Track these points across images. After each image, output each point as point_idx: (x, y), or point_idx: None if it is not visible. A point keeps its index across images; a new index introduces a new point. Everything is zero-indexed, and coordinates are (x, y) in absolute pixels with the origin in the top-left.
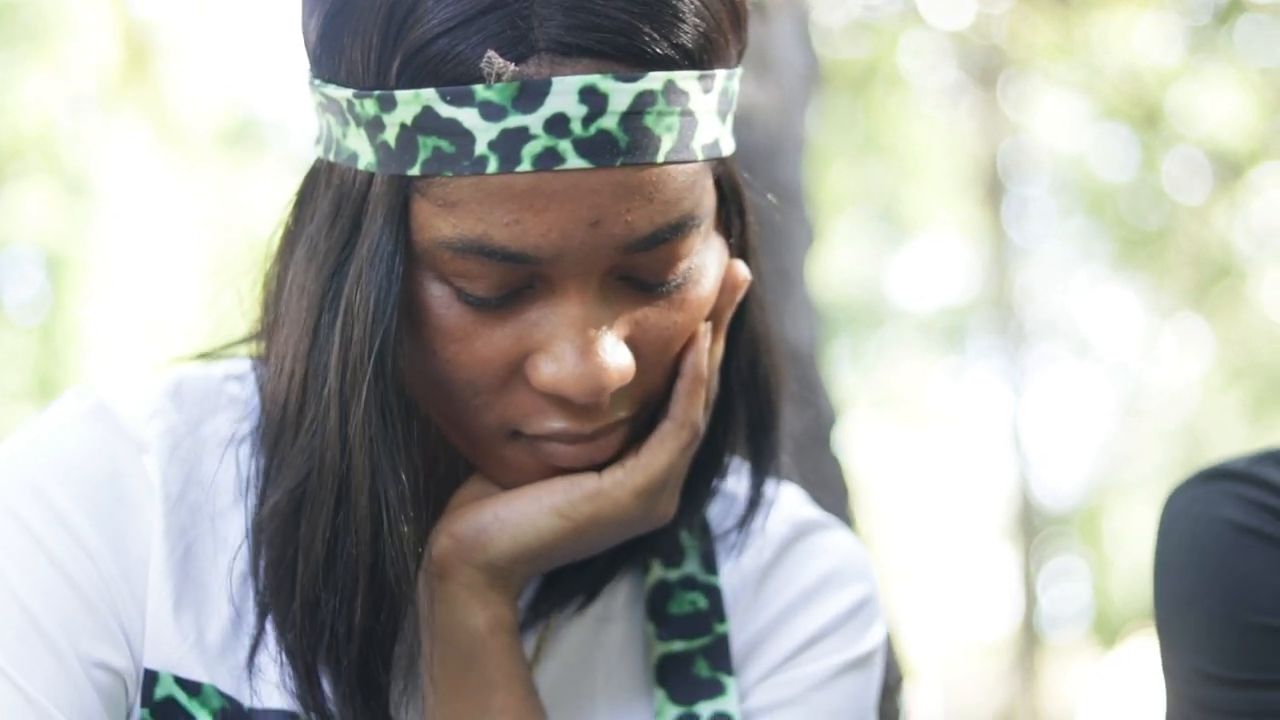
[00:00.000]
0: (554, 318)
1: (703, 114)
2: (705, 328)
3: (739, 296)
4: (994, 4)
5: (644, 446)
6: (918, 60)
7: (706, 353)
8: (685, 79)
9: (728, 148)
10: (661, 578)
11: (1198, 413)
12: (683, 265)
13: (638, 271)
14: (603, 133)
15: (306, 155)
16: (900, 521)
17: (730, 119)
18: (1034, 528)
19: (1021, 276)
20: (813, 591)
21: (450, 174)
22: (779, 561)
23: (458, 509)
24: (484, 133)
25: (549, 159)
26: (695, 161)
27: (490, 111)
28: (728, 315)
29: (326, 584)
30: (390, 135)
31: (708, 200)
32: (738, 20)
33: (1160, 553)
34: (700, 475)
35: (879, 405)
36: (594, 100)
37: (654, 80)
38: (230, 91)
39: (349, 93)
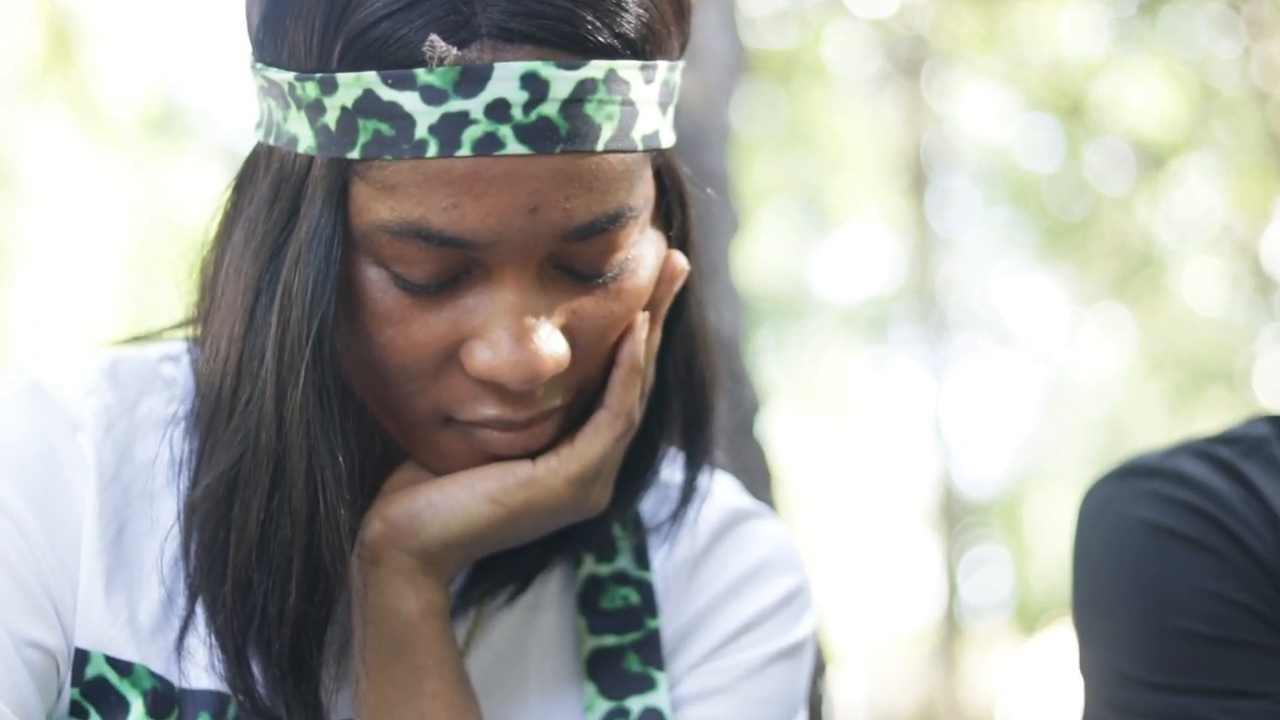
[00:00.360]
0: (490, 304)
1: (644, 104)
2: (643, 318)
3: (676, 287)
4: None
5: (579, 435)
6: (842, 50)
7: (643, 343)
8: (627, 68)
9: (668, 139)
10: (593, 572)
11: (1120, 403)
12: (620, 256)
13: (575, 261)
14: (543, 119)
15: (233, 143)
16: (824, 510)
17: (671, 111)
18: (956, 517)
19: (945, 266)
20: (745, 580)
21: (390, 157)
22: (711, 550)
23: (391, 494)
24: (424, 116)
25: (489, 144)
26: (635, 151)
27: (431, 95)
28: (665, 306)
29: (259, 565)
30: (331, 118)
31: (646, 191)
32: (681, 12)
33: (1079, 552)
34: (634, 467)
35: (803, 395)
36: (535, 87)
37: (596, 69)
38: (154, 79)
39: (291, 75)
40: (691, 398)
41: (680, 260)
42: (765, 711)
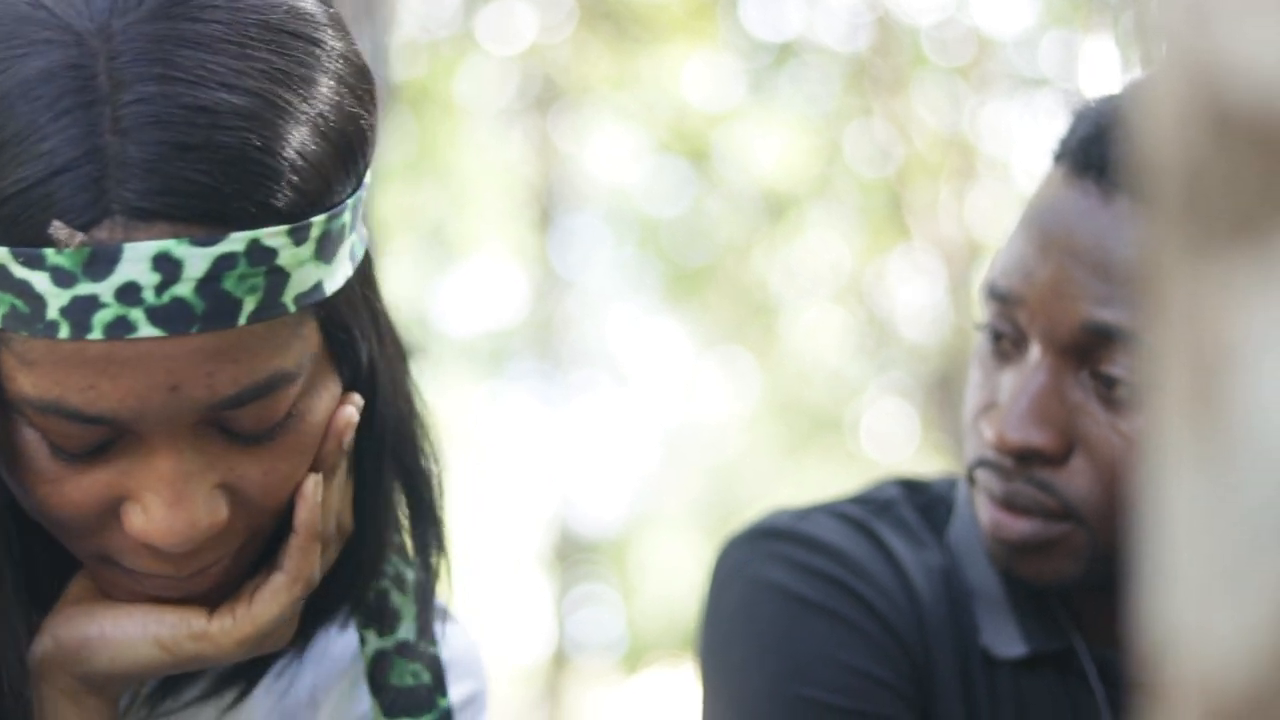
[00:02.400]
0: (143, 470)
1: (296, 266)
2: (314, 480)
3: (345, 442)
4: (552, 32)
5: (256, 596)
6: (473, 84)
7: (317, 508)
8: (273, 236)
9: (335, 284)
10: (379, 648)
11: (735, 448)
12: (278, 417)
13: (231, 424)
14: (177, 300)
15: None
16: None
17: (344, 250)
18: (569, 555)
19: (568, 305)
20: None
21: (25, 334)
22: None
23: (68, 609)
24: (55, 298)
25: (120, 328)
26: (287, 315)
27: (61, 277)
28: (334, 461)
29: None
30: None
31: (306, 347)
32: (351, 154)
33: (711, 611)
34: (352, 580)
35: None
36: (167, 268)
37: (235, 242)
38: None
39: None
40: (415, 495)
41: (347, 413)
42: None
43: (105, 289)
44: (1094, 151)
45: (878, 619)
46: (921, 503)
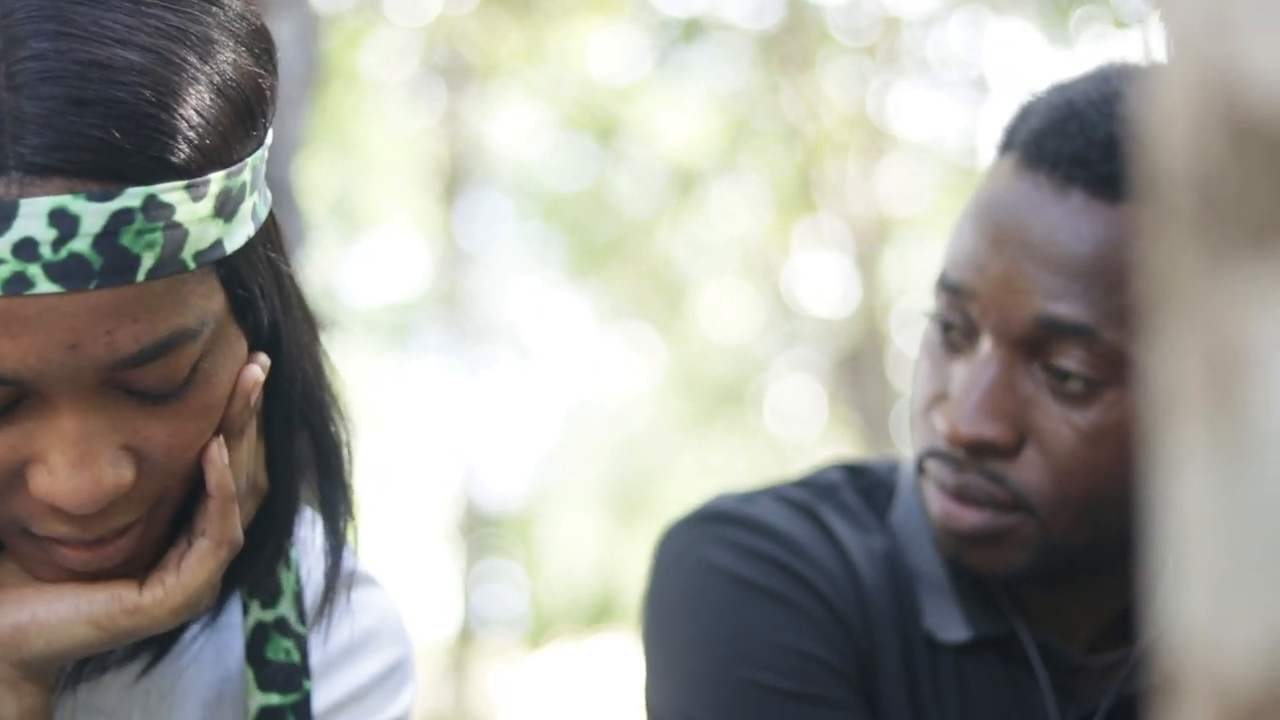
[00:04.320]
0: (47, 430)
1: (194, 222)
2: (217, 445)
3: (252, 401)
4: (459, 5)
5: (183, 564)
6: (379, 56)
7: (227, 471)
8: (169, 191)
9: (235, 242)
10: (259, 619)
11: (641, 423)
12: (181, 375)
13: (134, 384)
14: (74, 256)
15: None
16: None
17: (244, 209)
18: (474, 530)
19: (473, 279)
20: (350, 651)
21: None
22: (320, 613)
23: None
24: None
25: (18, 284)
26: (186, 271)
27: None
28: (241, 423)
29: None
30: None
31: (208, 306)
32: (249, 115)
33: (655, 594)
34: (266, 539)
35: None
36: (64, 223)
37: (132, 197)
38: None
39: None
40: (323, 461)
41: (253, 373)
42: None
43: (2, 245)
44: (1047, 144)
45: (822, 602)
46: (864, 486)
